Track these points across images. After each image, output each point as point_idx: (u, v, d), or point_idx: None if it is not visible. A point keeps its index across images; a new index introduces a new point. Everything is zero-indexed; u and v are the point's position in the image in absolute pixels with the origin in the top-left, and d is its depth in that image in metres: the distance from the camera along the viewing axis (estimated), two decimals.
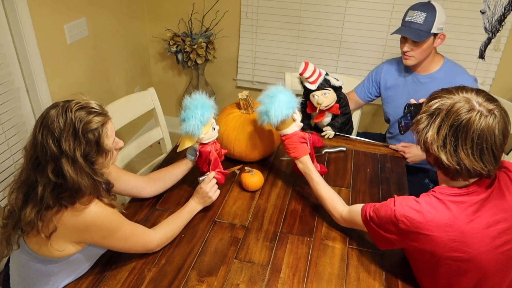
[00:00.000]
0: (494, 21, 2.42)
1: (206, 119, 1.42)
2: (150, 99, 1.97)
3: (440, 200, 1.07)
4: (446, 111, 1.03)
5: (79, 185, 1.02)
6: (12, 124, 2.00)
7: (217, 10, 2.85)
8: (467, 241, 1.04)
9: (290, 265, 1.26)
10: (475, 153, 1.01)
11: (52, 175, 1.01)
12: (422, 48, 1.78)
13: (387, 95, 2.04)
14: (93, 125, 1.03)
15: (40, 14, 2.02)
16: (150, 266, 1.23)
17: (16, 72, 2.01)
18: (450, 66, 1.87)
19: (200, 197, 1.41)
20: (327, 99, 1.80)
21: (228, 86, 3.17)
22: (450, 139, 1.02)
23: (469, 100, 1.01)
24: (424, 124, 1.07)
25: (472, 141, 1.00)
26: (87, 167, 1.04)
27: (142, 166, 2.04)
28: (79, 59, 2.38)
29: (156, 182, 1.48)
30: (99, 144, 1.05)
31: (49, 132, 1.00)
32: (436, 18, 1.72)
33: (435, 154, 1.05)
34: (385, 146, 1.92)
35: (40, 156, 1.01)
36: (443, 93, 1.08)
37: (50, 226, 1.04)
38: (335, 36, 2.75)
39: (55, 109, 1.02)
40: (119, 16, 2.72)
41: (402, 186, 1.64)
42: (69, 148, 1.00)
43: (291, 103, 1.44)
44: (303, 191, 1.60)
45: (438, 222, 1.04)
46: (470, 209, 1.05)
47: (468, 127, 0.99)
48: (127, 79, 2.94)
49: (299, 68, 1.78)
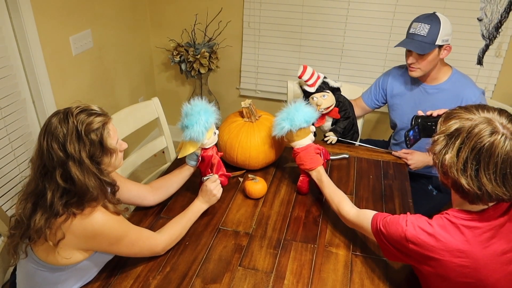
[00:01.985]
0: (491, 28, 2.44)
1: (209, 124, 1.45)
2: (154, 108, 1.99)
3: (453, 224, 1.02)
4: (467, 132, 0.96)
5: (86, 187, 1.04)
6: (18, 135, 2.03)
7: (220, 20, 2.88)
8: (480, 268, 0.99)
9: (294, 272, 1.26)
10: (498, 178, 0.95)
11: (61, 179, 1.03)
12: (427, 60, 1.75)
13: (393, 103, 2.03)
14: (95, 126, 1.05)
15: (46, 26, 2.06)
16: (155, 274, 1.24)
17: (22, 83, 2.04)
18: (458, 77, 1.84)
19: (205, 195, 1.41)
20: (326, 100, 1.82)
21: (231, 95, 3.20)
22: (472, 163, 0.96)
23: (492, 122, 0.96)
24: (442, 145, 1.01)
25: (496, 165, 0.94)
26: (93, 167, 1.06)
27: (146, 175, 2.05)
28: (84, 70, 2.42)
29: (158, 190, 1.49)
30: (103, 144, 1.07)
31: (53, 138, 1.02)
32: (440, 30, 1.68)
33: (454, 178, 0.99)
34: (388, 153, 1.92)
35: (47, 163, 1.03)
36: (461, 112, 1.01)
37: (58, 234, 1.05)
38: (336, 44, 2.77)
39: (56, 116, 1.05)
40: (123, 28, 2.76)
41: (405, 193, 1.64)
42: (74, 151, 1.02)
43: (313, 115, 1.53)
44: (306, 199, 1.60)
45: (450, 246, 1.00)
46: (485, 235, 1.00)
47: (491, 150, 0.93)
48: (131, 89, 2.97)
49: (298, 71, 1.81)
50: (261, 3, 2.77)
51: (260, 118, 1.76)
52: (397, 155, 1.88)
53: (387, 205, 1.57)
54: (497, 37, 2.47)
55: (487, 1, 2.39)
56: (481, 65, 2.58)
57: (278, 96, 3.04)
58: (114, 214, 1.13)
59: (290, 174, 1.76)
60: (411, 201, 1.59)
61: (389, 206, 1.56)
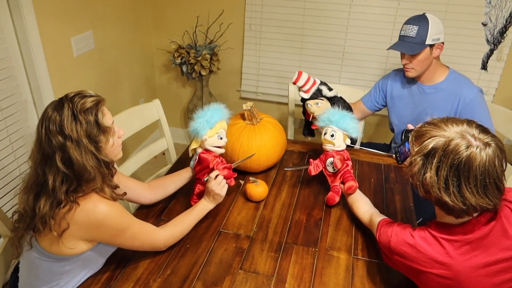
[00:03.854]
0: (496, 33, 2.44)
1: (213, 121, 1.46)
2: (155, 110, 1.99)
3: (434, 237, 1.05)
4: (442, 150, 0.97)
5: (84, 166, 1.06)
6: (19, 136, 2.02)
7: (221, 22, 2.88)
8: (462, 281, 1.01)
9: (295, 275, 1.26)
10: (480, 189, 0.96)
11: (61, 163, 1.04)
12: (419, 60, 1.80)
13: (392, 104, 2.05)
14: (88, 104, 1.08)
15: (48, 27, 2.06)
16: (155, 277, 1.24)
17: (24, 84, 2.04)
18: (455, 77, 1.88)
19: (210, 195, 1.41)
20: (319, 108, 1.82)
21: (232, 97, 3.20)
22: (452, 180, 0.97)
23: (464, 135, 0.97)
24: (419, 165, 1.01)
25: (476, 178, 0.95)
26: (91, 146, 1.08)
27: (146, 176, 2.05)
28: (85, 71, 2.41)
29: (155, 189, 1.50)
30: (99, 122, 1.09)
31: (50, 122, 1.05)
32: (429, 30, 1.74)
33: (437, 196, 1.00)
34: (389, 156, 1.92)
35: (46, 149, 1.05)
36: (431, 128, 1.02)
37: (63, 224, 1.07)
38: (338, 47, 2.77)
39: (51, 105, 1.08)
40: (125, 29, 2.76)
41: (406, 196, 1.64)
42: (71, 131, 1.04)
43: (357, 125, 1.60)
44: (307, 202, 1.60)
45: (431, 257, 1.03)
46: (465, 247, 1.02)
47: (469, 164, 0.94)
48: (132, 91, 2.97)
49: (293, 77, 1.81)
50: (263, 6, 2.77)
51: (262, 120, 1.76)
52: None
53: (388, 209, 1.56)
54: (502, 42, 2.47)
55: (491, 6, 2.39)
56: (486, 70, 2.58)
57: (279, 98, 3.04)
58: (111, 200, 1.14)
59: (291, 177, 1.76)
60: (413, 205, 1.59)
61: (390, 210, 1.56)
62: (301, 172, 1.78)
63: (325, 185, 1.68)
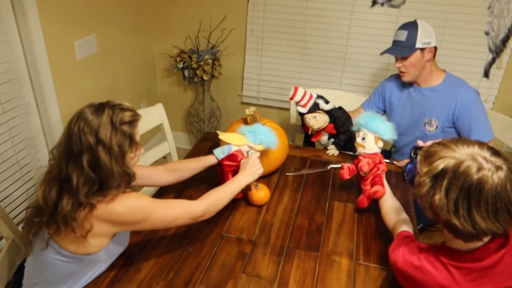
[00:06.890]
0: (499, 42, 2.47)
1: (261, 140, 1.56)
2: (158, 114, 2.00)
3: (442, 263, 1.02)
4: (452, 172, 0.94)
5: (113, 172, 1.08)
6: (21, 138, 2.03)
7: (224, 27, 2.90)
8: None
9: (297, 280, 1.27)
10: (491, 214, 0.92)
11: (87, 164, 1.05)
12: (411, 63, 1.87)
13: (391, 108, 2.09)
14: (126, 118, 1.11)
15: (52, 30, 2.08)
16: (158, 280, 1.24)
17: (27, 87, 2.05)
18: (452, 79, 1.94)
19: (250, 167, 1.45)
20: (317, 122, 1.84)
21: (233, 102, 3.21)
22: (462, 203, 0.93)
23: (475, 158, 0.93)
24: (428, 186, 0.98)
25: (487, 202, 0.92)
26: (120, 157, 1.10)
27: None
28: (88, 75, 2.43)
29: (172, 172, 1.51)
30: (131, 137, 1.12)
31: (86, 123, 1.06)
32: (418, 34, 1.82)
33: (446, 219, 0.96)
34: (390, 163, 1.93)
35: (74, 147, 1.06)
36: (441, 149, 0.99)
37: (86, 225, 1.08)
38: (339, 53, 2.79)
39: (91, 106, 1.10)
40: (127, 33, 2.77)
41: (407, 203, 1.64)
42: (105, 137, 1.06)
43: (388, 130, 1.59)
44: (309, 206, 1.61)
45: (437, 282, 1.01)
46: (473, 275, 0.99)
47: (481, 187, 0.91)
48: (133, 95, 2.98)
49: (289, 93, 1.84)
50: (265, 11, 2.79)
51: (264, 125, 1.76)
52: (400, 165, 1.89)
53: None
54: (504, 50, 2.50)
55: (494, 15, 2.42)
56: (488, 77, 2.60)
57: (280, 104, 3.05)
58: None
59: (292, 182, 1.77)
60: (413, 211, 1.59)
61: None
62: (302, 177, 1.79)
63: (327, 190, 1.69)
